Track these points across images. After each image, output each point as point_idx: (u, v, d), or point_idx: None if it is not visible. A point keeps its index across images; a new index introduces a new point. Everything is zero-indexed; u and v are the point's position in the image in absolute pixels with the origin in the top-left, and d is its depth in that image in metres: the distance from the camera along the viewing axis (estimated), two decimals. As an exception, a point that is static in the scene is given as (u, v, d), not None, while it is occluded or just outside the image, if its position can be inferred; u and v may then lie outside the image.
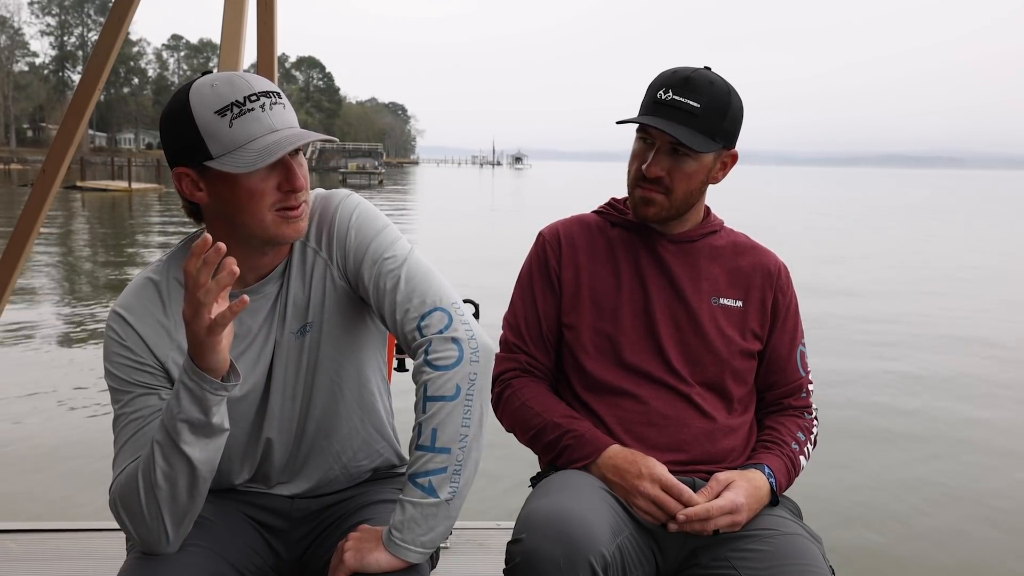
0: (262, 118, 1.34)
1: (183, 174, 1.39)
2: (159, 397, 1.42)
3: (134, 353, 1.42)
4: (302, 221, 1.42)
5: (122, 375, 1.42)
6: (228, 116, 1.32)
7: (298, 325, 1.52)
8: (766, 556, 1.55)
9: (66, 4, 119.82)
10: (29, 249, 2.78)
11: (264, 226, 1.39)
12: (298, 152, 1.40)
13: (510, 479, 4.84)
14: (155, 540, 1.39)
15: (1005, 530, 4.97)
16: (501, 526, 2.96)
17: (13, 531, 2.78)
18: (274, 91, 1.38)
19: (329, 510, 1.65)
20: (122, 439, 1.41)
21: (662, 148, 1.71)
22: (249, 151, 1.32)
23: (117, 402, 1.43)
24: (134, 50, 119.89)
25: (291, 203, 1.39)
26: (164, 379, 1.44)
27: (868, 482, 5.68)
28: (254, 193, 1.36)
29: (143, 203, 33.90)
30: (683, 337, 1.77)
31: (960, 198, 62.63)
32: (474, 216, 31.17)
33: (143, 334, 1.43)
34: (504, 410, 1.82)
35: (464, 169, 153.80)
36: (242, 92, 1.34)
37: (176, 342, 1.45)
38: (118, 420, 1.43)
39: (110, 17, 2.70)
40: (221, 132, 1.32)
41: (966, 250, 21.57)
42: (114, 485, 1.40)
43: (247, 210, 1.38)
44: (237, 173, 1.33)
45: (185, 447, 1.31)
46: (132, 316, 1.44)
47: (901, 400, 7.63)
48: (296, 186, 1.38)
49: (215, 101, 1.33)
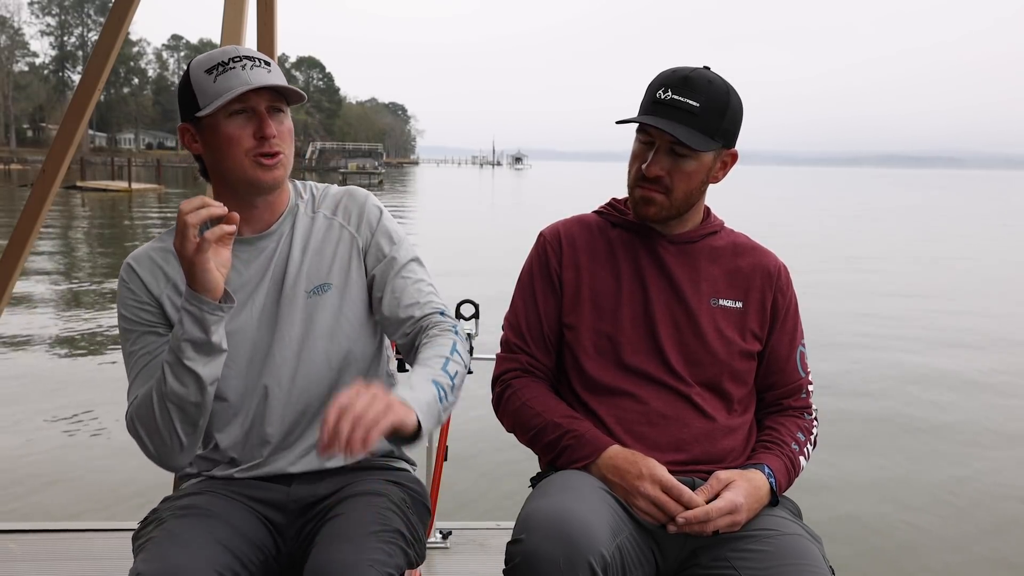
0: (240, 75, 1.55)
1: (184, 129, 1.63)
2: (159, 335, 1.63)
3: (135, 294, 1.64)
4: (277, 170, 1.61)
5: (128, 315, 1.64)
6: (214, 74, 1.56)
7: (313, 284, 1.69)
8: (766, 556, 1.55)
9: (66, 4, 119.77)
10: (29, 249, 2.78)
11: (242, 169, 1.59)
12: (280, 111, 1.61)
13: (510, 479, 4.85)
14: (169, 451, 1.58)
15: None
16: (501, 526, 2.96)
17: (13, 531, 2.78)
18: (262, 58, 1.60)
19: (318, 504, 1.66)
20: (134, 372, 1.62)
21: (662, 148, 1.71)
22: (222, 99, 1.53)
23: (127, 341, 1.64)
24: (134, 50, 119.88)
25: (264, 149, 1.58)
26: (162, 317, 1.64)
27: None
28: (232, 139, 1.57)
29: (143, 203, 33.90)
30: (682, 338, 1.77)
31: (990, 198, 62.10)
32: (474, 216, 31.18)
33: (142, 276, 1.65)
34: (504, 410, 1.82)
35: (464, 169, 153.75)
36: (228, 55, 1.57)
37: (172, 281, 1.65)
38: (129, 358, 1.64)
39: (110, 17, 2.70)
40: (207, 87, 1.56)
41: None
42: (130, 409, 1.59)
43: (227, 155, 1.58)
44: (209, 115, 1.54)
45: (189, 363, 1.50)
46: (136, 263, 1.66)
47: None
48: (266, 133, 1.57)
49: (207, 62, 1.58)
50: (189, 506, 1.59)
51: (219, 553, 1.48)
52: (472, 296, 2.87)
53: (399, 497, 1.64)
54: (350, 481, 1.68)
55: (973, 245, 23.23)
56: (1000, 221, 34.77)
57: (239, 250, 1.66)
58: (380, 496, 1.61)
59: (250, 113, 1.57)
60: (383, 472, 1.74)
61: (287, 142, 1.62)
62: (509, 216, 31.32)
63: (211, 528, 1.52)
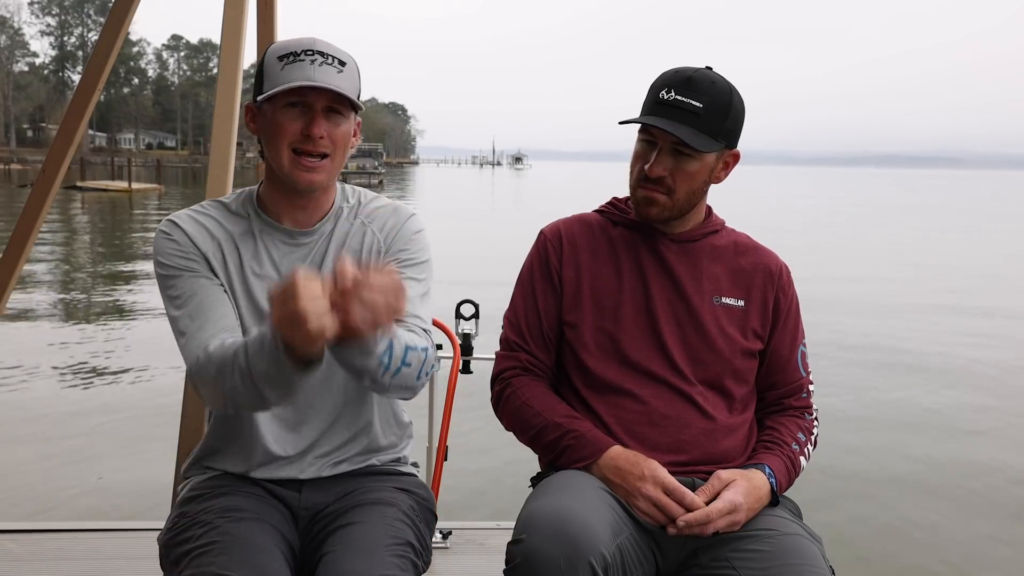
0: (306, 68, 1.54)
1: (248, 108, 1.65)
2: (208, 279, 1.61)
3: (180, 245, 1.62)
4: (315, 173, 1.59)
5: (171, 263, 1.61)
6: (284, 62, 1.56)
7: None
8: (766, 556, 1.55)
9: (66, 4, 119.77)
10: (29, 249, 2.78)
11: (281, 163, 1.58)
12: (338, 113, 1.58)
13: (510, 479, 4.85)
14: (219, 407, 1.56)
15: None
16: (501, 526, 2.96)
17: (13, 531, 2.78)
18: (336, 57, 1.58)
19: (326, 510, 1.66)
20: (184, 316, 1.57)
21: (664, 148, 1.70)
22: (278, 88, 1.53)
23: (170, 287, 1.61)
24: (134, 50, 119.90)
25: (306, 147, 1.56)
26: (207, 268, 1.62)
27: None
28: (278, 128, 1.57)
29: (143, 203, 33.89)
30: (685, 336, 1.76)
31: (984, 199, 62.18)
32: (474, 216, 31.16)
33: (187, 231, 1.63)
34: (504, 409, 1.82)
35: (464, 169, 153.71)
36: (304, 47, 1.56)
37: (216, 240, 1.64)
38: (175, 300, 1.60)
39: (110, 17, 2.69)
40: (274, 73, 1.56)
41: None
42: (193, 355, 1.54)
43: (272, 143, 1.59)
44: (267, 100, 1.54)
45: (265, 393, 1.44)
46: (179, 220, 1.65)
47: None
48: (312, 132, 1.55)
49: (282, 49, 1.58)
50: (233, 508, 1.58)
51: (284, 554, 1.52)
52: (472, 296, 2.87)
53: (408, 506, 1.65)
54: (359, 487, 1.68)
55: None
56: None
57: (278, 240, 1.67)
58: (391, 506, 1.62)
59: (304, 108, 1.56)
60: (391, 478, 1.74)
61: (338, 146, 1.60)
62: (509, 216, 31.30)
63: (266, 531, 1.54)
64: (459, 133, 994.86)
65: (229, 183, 2.44)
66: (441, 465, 2.86)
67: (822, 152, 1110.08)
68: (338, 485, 1.69)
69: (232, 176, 2.47)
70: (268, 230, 1.67)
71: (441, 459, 2.88)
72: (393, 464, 1.78)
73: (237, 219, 1.67)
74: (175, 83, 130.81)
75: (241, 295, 1.64)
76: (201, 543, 1.50)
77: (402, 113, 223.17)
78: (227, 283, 1.63)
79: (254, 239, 1.66)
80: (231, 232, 1.65)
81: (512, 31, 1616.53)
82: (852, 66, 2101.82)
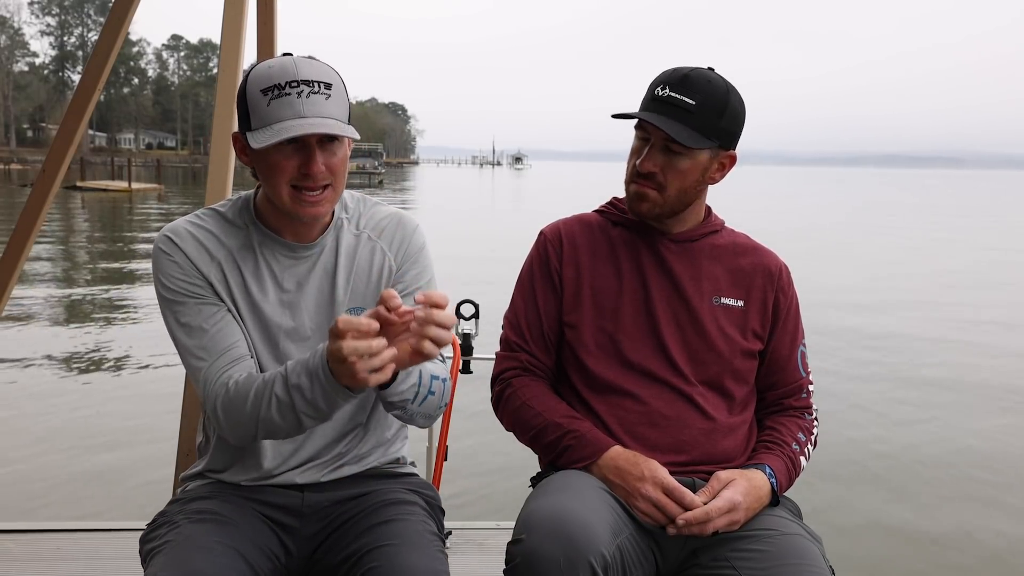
0: (294, 104, 1.47)
1: (236, 138, 1.58)
2: (213, 304, 1.58)
3: (181, 267, 1.58)
4: (318, 206, 1.55)
5: (175, 287, 1.58)
6: (268, 96, 1.48)
7: (352, 306, 1.66)
8: (766, 556, 1.55)
9: (66, 4, 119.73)
10: (29, 249, 2.78)
11: (282, 200, 1.54)
12: (333, 140, 1.52)
13: (510, 479, 4.84)
14: (246, 440, 1.57)
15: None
16: (501, 526, 2.96)
17: (13, 531, 2.78)
18: (321, 81, 1.50)
19: (340, 507, 1.66)
20: (196, 347, 1.56)
21: (656, 144, 1.71)
22: (272, 131, 1.46)
23: (175, 313, 1.58)
24: (134, 50, 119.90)
25: (306, 184, 1.52)
26: (211, 291, 1.59)
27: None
28: (274, 168, 1.51)
29: (144, 203, 33.89)
30: (685, 336, 1.76)
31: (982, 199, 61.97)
32: (474, 216, 31.15)
33: (186, 250, 1.59)
34: (504, 409, 1.82)
35: (464, 169, 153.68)
36: (286, 77, 1.48)
37: (216, 261, 1.60)
38: (183, 328, 1.57)
39: (110, 17, 2.69)
40: (261, 108, 1.49)
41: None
42: (214, 390, 1.53)
43: (269, 181, 1.54)
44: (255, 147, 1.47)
45: (304, 419, 1.47)
46: (176, 237, 1.60)
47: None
48: (310, 171, 1.50)
49: (264, 81, 1.49)
50: (203, 511, 1.58)
51: (235, 560, 1.48)
52: (472, 295, 2.87)
53: (423, 506, 1.68)
54: (370, 489, 1.68)
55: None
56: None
57: (279, 254, 1.64)
58: (413, 505, 1.66)
59: (299, 144, 1.50)
60: (397, 480, 1.75)
61: (337, 173, 1.55)
62: (509, 216, 31.29)
63: (227, 535, 1.52)
64: (459, 133, 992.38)
65: (229, 183, 2.44)
66: (441, 465, 2.86)
67: (821, 152, 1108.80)
68: (343, 486, 1.69)
69: (232, 176, 2.47)
70: (268, 243, 1.64)
71: (441, 459, 2.88)
72: (392, 465, 1.78)
73: (235, 230, 1.64)
74: (175, 83, 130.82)
75: (247, 315, 1.62)
76: (160, 543, 1.51)
77: (402, 113, 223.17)
78: (232, 305, 1.60)
79: (254, 253, 1.63)
80: (230, 248, 1.62)
81: (512, 31, 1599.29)
82: (852, 66, 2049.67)
